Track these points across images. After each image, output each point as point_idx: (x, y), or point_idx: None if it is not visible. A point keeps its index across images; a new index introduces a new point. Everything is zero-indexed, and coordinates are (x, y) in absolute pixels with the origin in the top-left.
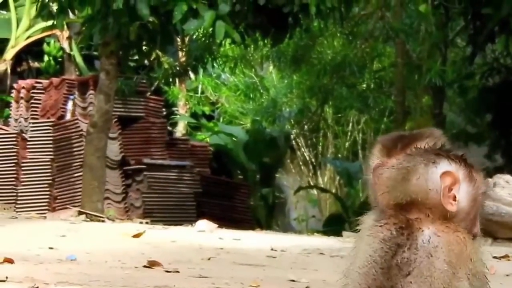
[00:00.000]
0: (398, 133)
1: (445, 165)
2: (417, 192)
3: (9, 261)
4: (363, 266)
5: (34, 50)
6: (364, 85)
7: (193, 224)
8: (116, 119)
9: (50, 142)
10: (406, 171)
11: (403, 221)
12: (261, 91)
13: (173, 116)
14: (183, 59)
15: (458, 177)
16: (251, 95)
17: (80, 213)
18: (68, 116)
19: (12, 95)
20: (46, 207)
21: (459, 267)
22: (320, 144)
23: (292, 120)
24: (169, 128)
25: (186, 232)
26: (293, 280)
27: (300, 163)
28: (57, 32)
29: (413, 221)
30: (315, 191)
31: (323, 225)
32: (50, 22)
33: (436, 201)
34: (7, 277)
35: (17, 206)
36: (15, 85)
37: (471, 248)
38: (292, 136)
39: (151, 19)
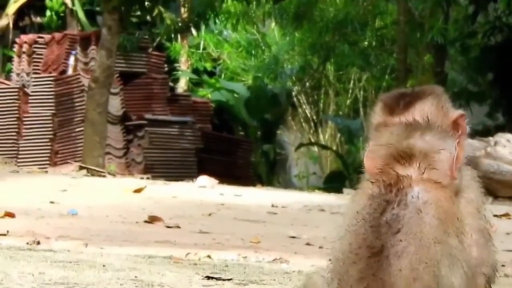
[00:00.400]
0: (400, 91)
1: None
2: (428, 147)
3: (10, 215)
4: (353, 224)
5: (36, 5)
6: (366, 43)
7: (194, 179)
8: (117, 75)
9: (52, 97)
10: (426, 123)
11: (393, 178)
12: (263, 48)
13: (174, 72)
14: (185, 15)
15: (465, 150)
16: (253, 52)
17: (81, 168)
18: (70, 71)
19: (14, 49)
20: (47, 162)
21: (447, 224)
22: (321, 101)
23: (293, 77)
24: (170, 84)
25: (187, 188)
26: (294, 237)
27: (301, 120)
28: None
29: (403, 177)
30: (316, 148)
31: (324, 182)
32: None
33: (443, 162)
34: (8, 231)
35: (18, 160)
36: (17, 40)
37: (457, 206)
38: (293, 93)
39: None
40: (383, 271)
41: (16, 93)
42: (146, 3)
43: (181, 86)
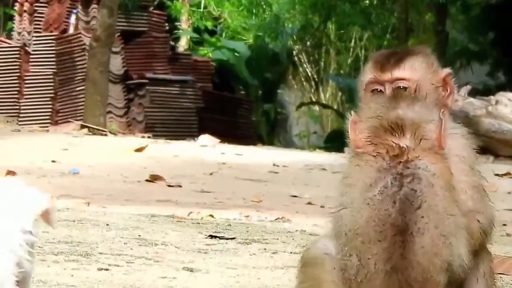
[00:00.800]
0: (390, 49)
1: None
2: (418, 117)
3: (12, 173)
4: (370, 198)
5: None
6: (367, 2)
7: (195, 139)
8: (119, 34)
9: (53, 55)
10: (414, 96)
11: (396, 149)
12: (264, 6)
13: (175, 31)
14: None
15: (448, 120)
16: (254, 11)
17: (82, 126)
18: (71, 30)
19: (16, 8)
20: (49, 121)
21: (451, 194)
22: (323, 60)
23: (294, 36)
24: (171, 43)
25: (188, 147)
26: (295, 196)
27: (302, 79)
28: None
29: (406, 149)
30: (317, 107)
31: (325, 141)
32: None
33: (433, 132)
34: None
35: (19, 119)
36: None
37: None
38: (294, 52)
39: None
40: (409, 250)
41: (17, 52)
42: None
43: (182, 45)
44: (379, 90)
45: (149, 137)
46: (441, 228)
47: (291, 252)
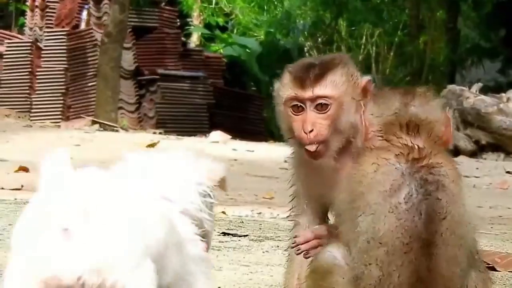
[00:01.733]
0: (307, 61)
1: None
2: (431, 116)
3: (24, 169)
4: (395, 206)
5: None
6: None
7: (207, 135)
8: (130, 29)
9: (65, 51)
10: (428, 94)
11: (415, 151)
12: (276, 2)
13: (187, 27)
14: None
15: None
16: (265, 7)
17: (94, 122)
18: (83, 26)
19: (27, 3)
20: (60, 116)
21: (464, 201)
22: None
23: (306, 33)
24: (183, 38)
25: (199, 143)
26: None
27: None
28: None
29: (424, 151)
30: None
31: None
32: None
33: (442, 132)
34: (22, 186)
35: (31, 114)
36: None
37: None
38: (305, 49)
39: None
40: (435, 262)
41: (29, 47)
42: None
43: (194, 41)
44: (299, 106)
45: (160, 133)
46: (462, 239)
47: None
